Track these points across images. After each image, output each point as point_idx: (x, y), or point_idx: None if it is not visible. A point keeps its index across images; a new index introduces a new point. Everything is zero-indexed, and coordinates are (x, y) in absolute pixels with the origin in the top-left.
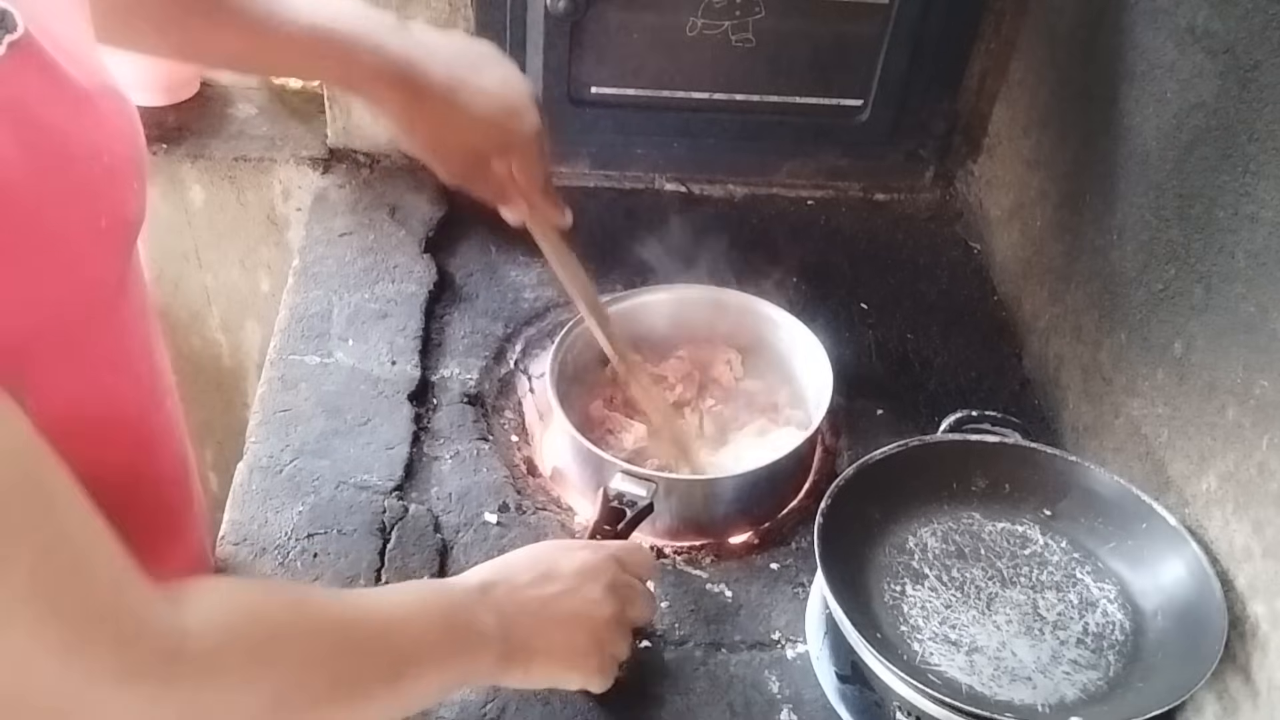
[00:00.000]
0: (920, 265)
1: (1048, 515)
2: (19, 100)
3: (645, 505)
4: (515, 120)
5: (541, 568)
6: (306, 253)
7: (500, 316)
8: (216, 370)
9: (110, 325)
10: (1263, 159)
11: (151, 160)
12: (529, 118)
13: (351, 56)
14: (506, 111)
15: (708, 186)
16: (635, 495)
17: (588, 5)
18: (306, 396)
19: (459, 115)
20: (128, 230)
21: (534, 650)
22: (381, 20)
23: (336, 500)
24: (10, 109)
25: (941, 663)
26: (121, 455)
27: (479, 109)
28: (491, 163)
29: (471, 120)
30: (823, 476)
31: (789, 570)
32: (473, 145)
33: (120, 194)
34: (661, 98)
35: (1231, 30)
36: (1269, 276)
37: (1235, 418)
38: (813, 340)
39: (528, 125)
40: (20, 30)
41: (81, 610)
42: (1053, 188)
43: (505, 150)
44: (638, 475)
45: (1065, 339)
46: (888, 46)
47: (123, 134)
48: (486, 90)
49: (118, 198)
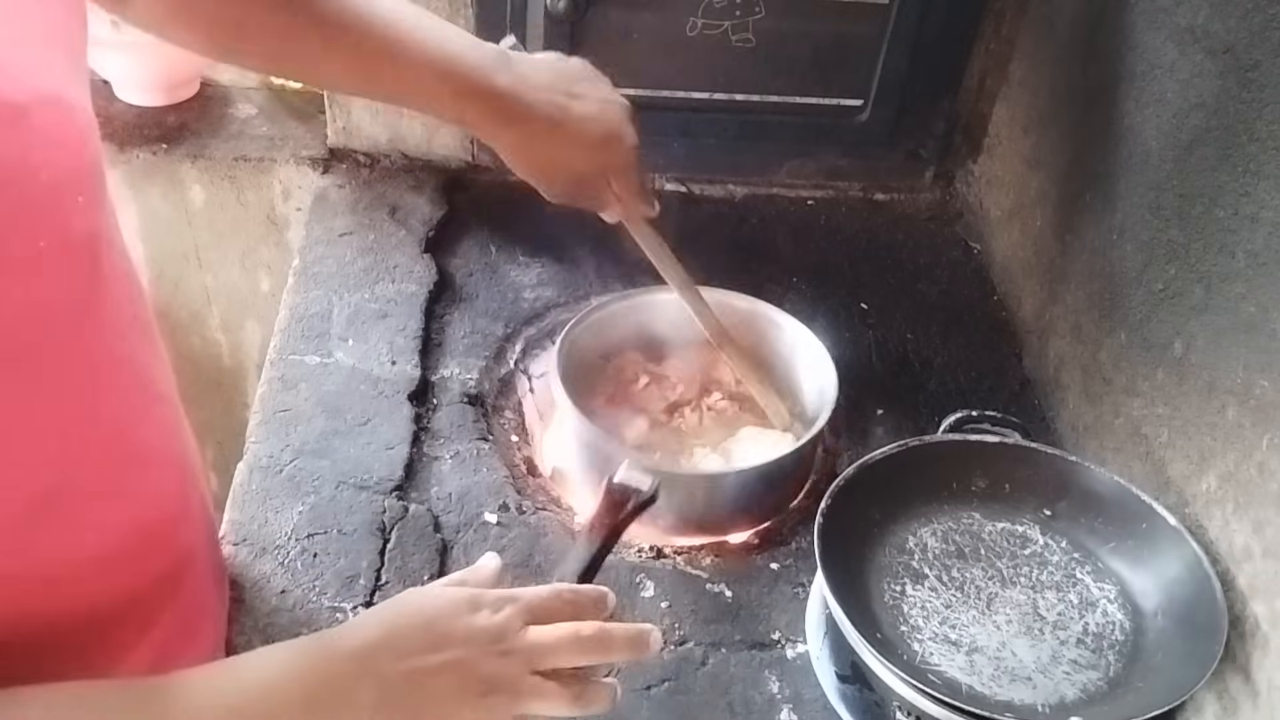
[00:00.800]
0: (920, 265)
1: (1048, 515)
2: None
3: (646, 497)
4: (617, 142)
5: (434, 631)
6: (306, 253)
7: (500, 316)
8: (216, 370)
9: (76, 343)
10: (1263, 159)
11: (151, 160)
12: (628, 137)
13: (463, 99)
14: (608, 135)
15: (708, 186)
16: (637, 486)
17: (588, 5)
18: (306, 396)
19: (565, 145)
20: (74, 249)
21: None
22: (486, 54)
23: (336, 500)
24: None
25: (941, 663)
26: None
27: (583, 137)
28: (595, 180)
29: (577, 148)
30: (823, 476)
31: (789, 570)
32: (578, 169)
33: (61, 212)
34: (661, 98)
35: (1231, 30)
36: (1269, 276)
37: (1235, 418)
38: (816, 343)
39: (627, 144)
40: None
41: None
42: (1053, 188)
43: (606, 170)
44: (643, 466)
45: (1065, 339)
46: (888, 46)
47: (66, 145)
48: (589, 116)
49: (58, 216)
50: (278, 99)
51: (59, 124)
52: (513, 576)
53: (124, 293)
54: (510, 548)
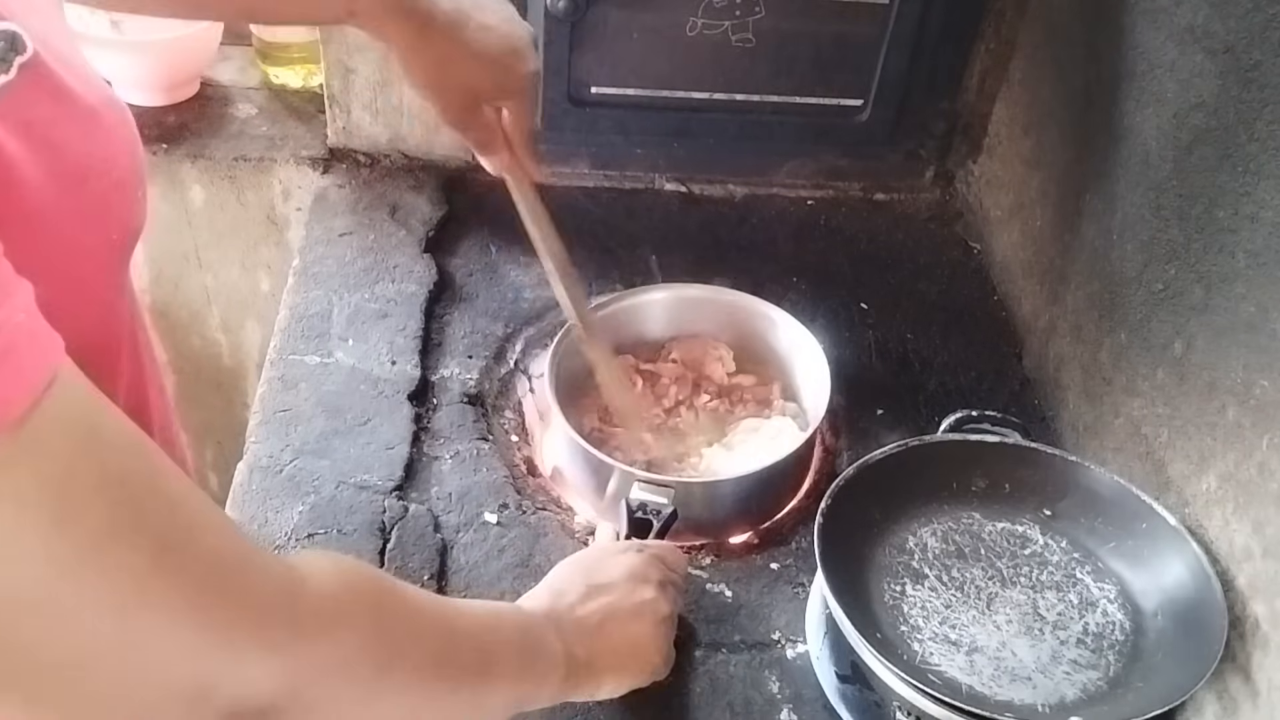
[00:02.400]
0: (920, 265)
1: (1048, 515)
2: (34, 122)
3: (670, 512)
4: (515, 60)
5: (591, 580)
6: (306, 253)
7: (500, 316)
8: (216, 370)
9: (118, 325)
10: (1263, 159)
11: (151, 160)
12: (528, 59)
13: None
14: (508, 51)
15: (708, 186)
16: (657, 504)
17: (588, 5)
18: (306, 396)
19: (462, 50)
20: (133, 238)
21: (599, 669)
22: None
23: (336, 500)
24: (28, 131)
25: (941, 663)
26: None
27: (482, 46)
28: (484, 107)
29: (474, 56)
30: (823, 476)
31: (789, 570)
32: (473, 83)
33: (128, 204)
34: (661, 98)
35: (1231, 30)
36: (1269, 276)
37: (1235, 418)
38: (811, 340)
39: (526, 66)
40: (30, 51)
41: (206, 575)
42: (1053, 188)
43: (501, 92)
44: (656, 483)
45: (1065, 339)
46: (888, 46)
47: (127, 145)
48: (490, 27)
49: (126, 210)
50: (278, 99)
51: (120, 125)
52: (513, 577)
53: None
54: (510, 548)
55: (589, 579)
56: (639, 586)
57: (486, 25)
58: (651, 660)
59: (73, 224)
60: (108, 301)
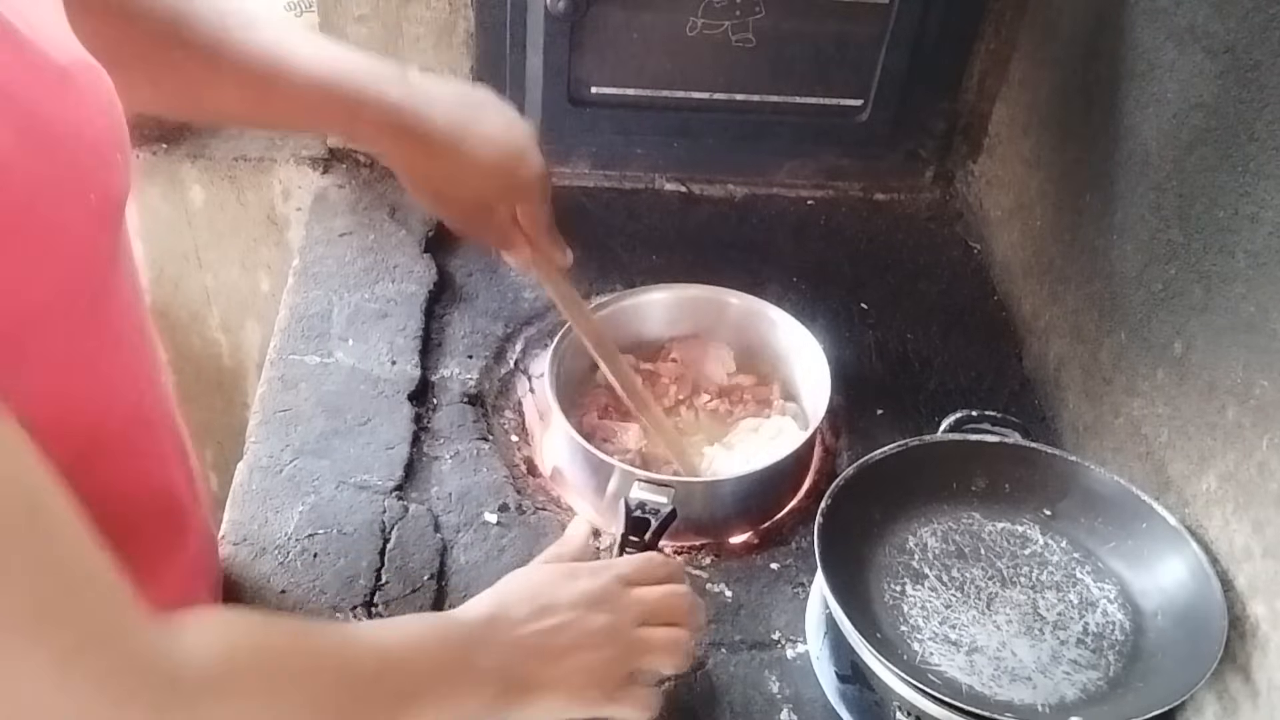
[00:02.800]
0: (920, 265)
1: (1048, 515)
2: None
3: (669, 512)
4: (519, 165)
5: (540, 601)
6: (306, 253)
7: (500, 316)
8: (216, 370)
9: (105, 305)
10: (1263, 159)
11: (151, 160)
12: (533, 162)
13: (355, 112)
14: (510, 157)
15: (708, 186)
16: (656, 503)
17: (588, 5)
18: (306, 396)
19: (464, 164)
20: (115, 205)
21: (531, 687)
22: (381, 70)
23: (336, 500)
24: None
25: (941, 663)
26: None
27: (484, 157)
28: (496, 209)
29: (477, 168)
30: (823, 476)
31: (789, 570)
32: (479, 193)
33: (106, 169)
34: (661, 98)
35: (1231, 30)
36: (1269, 276)
37: (1235, 418)
38: (810, 340)
39: (532, 170)
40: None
41: (74, 636)
42: (1053, 188)
43: (510, 195)
44: (655, 482)
45: (1065, 339)
46: (888, 46)
47: (101, 107)
48: (490, 137)
49: (104, 173)
50: None
51: (94, 85)
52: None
53: (131, 259)
54: (510, 548)
55: (536, 600)
56: (589, 614)
57: (486, 135)
58: (589, 690)
59: (44, 186)
60: (93, 270)
